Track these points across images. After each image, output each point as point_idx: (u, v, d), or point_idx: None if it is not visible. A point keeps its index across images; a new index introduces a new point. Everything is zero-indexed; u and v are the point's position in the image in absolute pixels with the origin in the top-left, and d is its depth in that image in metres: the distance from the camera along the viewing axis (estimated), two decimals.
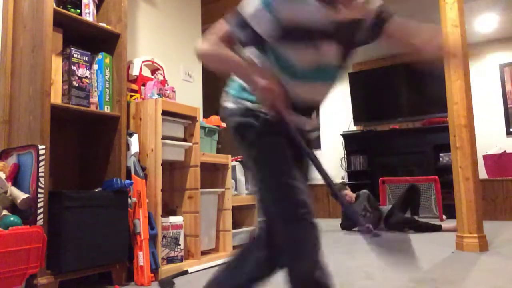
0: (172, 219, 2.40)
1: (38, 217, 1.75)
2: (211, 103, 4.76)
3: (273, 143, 1.14)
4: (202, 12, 3.75)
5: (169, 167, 2.68)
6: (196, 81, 3.54)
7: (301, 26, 1.08)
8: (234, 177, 3.09)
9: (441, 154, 5.58)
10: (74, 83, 2.07)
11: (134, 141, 2.30)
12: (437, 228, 3.85)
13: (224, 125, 3.07)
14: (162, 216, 2.30)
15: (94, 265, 1.95)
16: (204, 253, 2.70)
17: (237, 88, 1.21)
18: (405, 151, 5.81)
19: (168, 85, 2.82)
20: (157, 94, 2.54)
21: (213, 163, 2.82)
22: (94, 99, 2.21)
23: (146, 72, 2.72)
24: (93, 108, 2.18)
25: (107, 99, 2.24)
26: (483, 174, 5.16)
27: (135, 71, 2.63)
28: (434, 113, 5.77)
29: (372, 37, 1.27)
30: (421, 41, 1.22)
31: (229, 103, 1.22)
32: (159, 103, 2.33)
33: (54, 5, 1.99)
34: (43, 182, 1.79)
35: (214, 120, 3.03)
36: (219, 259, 2.60)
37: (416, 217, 4.20)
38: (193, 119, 2.63)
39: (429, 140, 5.62)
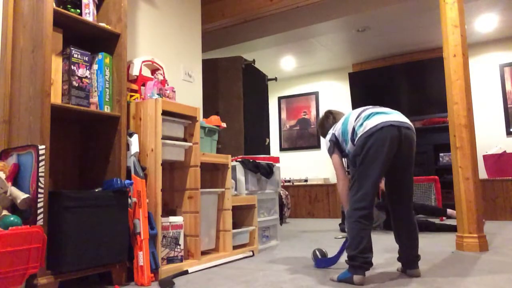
0: (172, 219, 2.40)
1: (38, 217, 1.75)
2: (211, 103, 4.77)
3: None
4: (202, 12, 3.76)
5: (169, 167, 2.68)
6: (196, 81, 3.54)
7: None
8: (234, 177, 3.09)
9: (441, 154, 5.58)
10: (74, 83, 2.07)
11: (134, 141, 2.30)
12: (443, 212, 3.99)
13: (224, 125, 3.07)
14: (162, 216, 2.30)
15: (94, 265, 1.95)
16: (204, 253, 2.70)
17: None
18: None
19: (168, 85, 2.82)
20: (157, 94, 2.54)
21: (213, 163, 2.82)
22: (94, 99, 2.21)
23: (146, 72, 2.72)
24: (93, 108, 2.18)
25: (107, 99, 2.24)
26: (483, 174, 5.16)
27: (135, 71, 2.63)
28: (434, 113, 5.78)
29: None
30: None
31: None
32: (159, 103, 2.33)
33: (54, 5, 1.99)
34: (43, 182, 1.80)
35: (214, 120, 3.02)
36: (219, 259, 2.60)
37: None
38: (193, 119, 2.64)
39: (429, 140, 5.62)
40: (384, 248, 2.99)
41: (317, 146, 6.84)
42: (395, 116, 2.02)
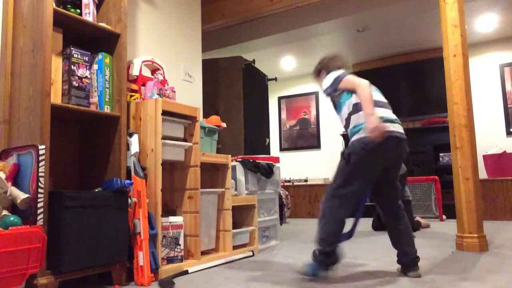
0: (172, 219, 2.40)
1: (38, 217, 1.76)
2: (211, 103, 4.77)
3: None
4: (202, 12, 3.76)
5: (169, 167, 2.68)
6: (196, 81, 3.54)
7: None
8: (234, 177, 3.09)
9: (441, 154, 5.58)
10: (74, 83, 2.07)
11: (134, 141, 2.30)
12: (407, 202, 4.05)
13: (224, 125, 3.07)
14: (162, 216, 2.30)
15: (94, 265, 1.95)
16: (204, 253, 2.70)
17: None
18: None
19: (168, 85, 2.82)
20: (157, 94, 2.54)
21: (213, 163, 2.82)
22: (94, 99, 2.21)
23: (146, 72, 2.72)
24: (93, 108, 2.18)
25: (107, 99, 2.24)
26: (483, 174, 5.16)
27: (135, 71, 2.63)
28: (434, 113, 5.78)
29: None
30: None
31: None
32: (159, 103, 2.33)
33: (54, 5, 1.99)
34: (43, 182, 1.80)
35: (214, 120, 3.02)
36: (219, 259, 2.60)
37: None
38: (193, 119, 2.64)
39: (429, 140, 5.62)
40: (384, 248, 2.99)
41: (317, 146, 6.84)
42: (397, 126, 2.08)
